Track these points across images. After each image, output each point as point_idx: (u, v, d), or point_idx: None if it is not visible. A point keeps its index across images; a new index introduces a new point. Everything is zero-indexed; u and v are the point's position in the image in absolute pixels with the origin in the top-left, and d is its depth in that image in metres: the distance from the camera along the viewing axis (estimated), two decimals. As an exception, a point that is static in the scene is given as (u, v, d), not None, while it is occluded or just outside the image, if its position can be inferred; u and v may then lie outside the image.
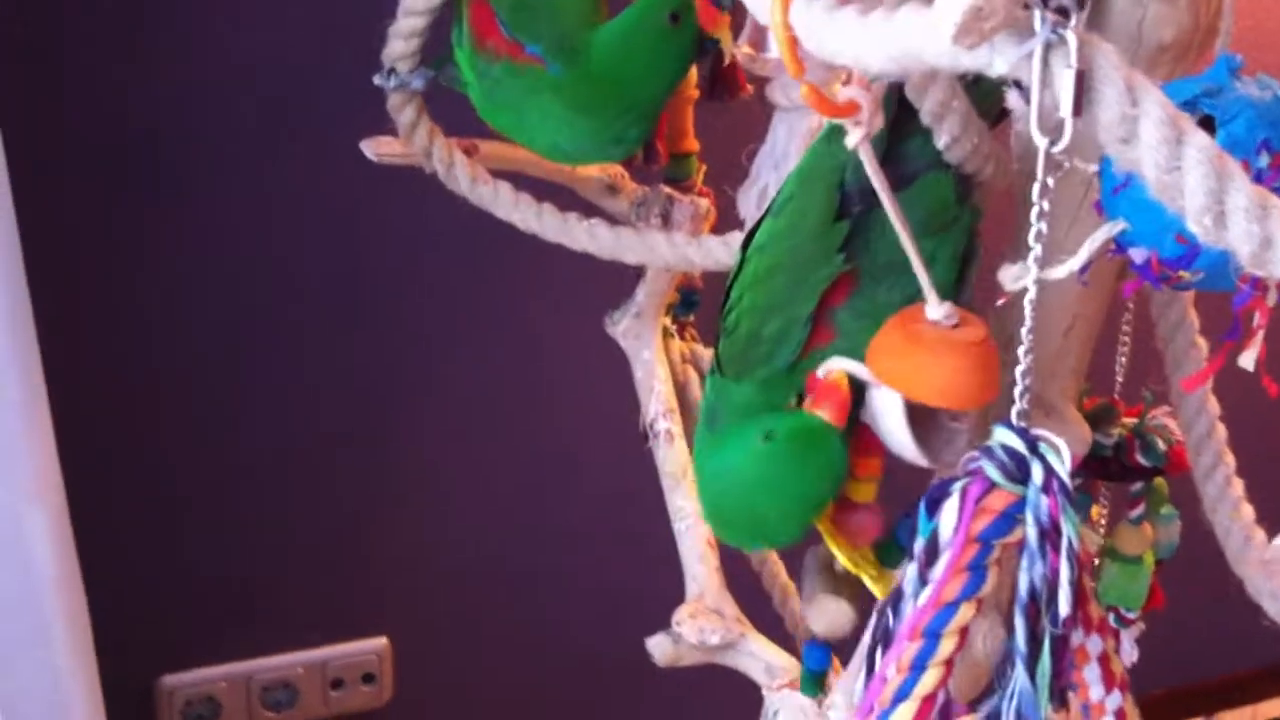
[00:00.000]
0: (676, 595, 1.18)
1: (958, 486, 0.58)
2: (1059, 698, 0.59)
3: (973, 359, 0.72)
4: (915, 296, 0.79)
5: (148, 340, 1.48)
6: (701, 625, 1.12)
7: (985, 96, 0.81)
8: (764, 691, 1.10)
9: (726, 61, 1.13)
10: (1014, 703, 0.58)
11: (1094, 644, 0.64)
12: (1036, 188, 0.56)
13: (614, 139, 1.07)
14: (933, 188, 0.81)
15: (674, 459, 1.22)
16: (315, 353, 1.54)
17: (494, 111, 1.09)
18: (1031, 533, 0.57)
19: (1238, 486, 0.95)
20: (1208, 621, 1.35)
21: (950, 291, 0.79)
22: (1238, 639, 1.08)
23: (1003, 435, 0.58)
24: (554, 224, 1.13)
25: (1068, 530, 0.56)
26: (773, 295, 0.81)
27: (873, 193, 0.79)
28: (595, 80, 1.05)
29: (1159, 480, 1.06)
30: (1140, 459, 1.03)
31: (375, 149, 1.16)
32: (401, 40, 1.11)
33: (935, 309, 0.73)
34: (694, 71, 1.22)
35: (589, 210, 1.20)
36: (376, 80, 1.13)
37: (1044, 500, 0.56)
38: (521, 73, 1.06)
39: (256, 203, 1.47)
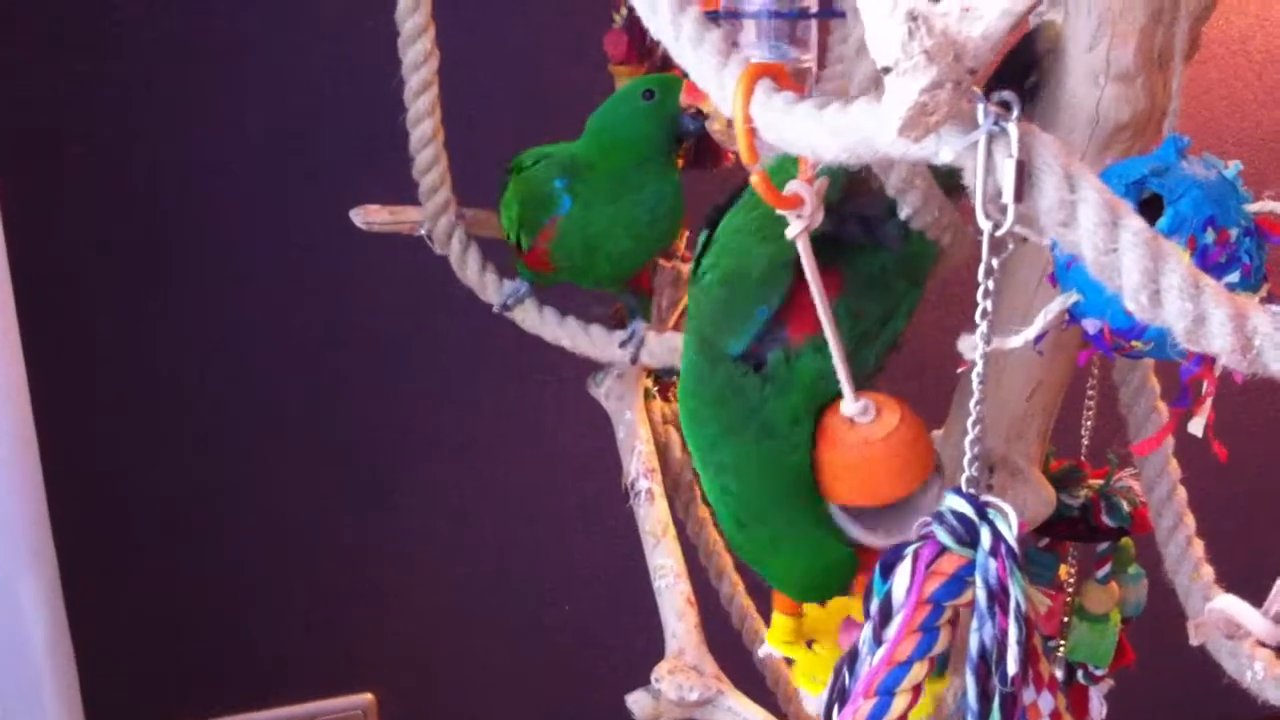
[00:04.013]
0: (658, 650, 1.20)
1: (910, 550, 0.60)
2: (1010, 753, 0.61)
3: (856, 457, 0.75)
4: (895, 309, 0.82)
5: (136, 397, 1.50)
6: (680, 682, 1.14)
7: (950, 172, 0.84)
8: (742, 747, 1.12)
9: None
10: (966, 757, 0.61)
11: (1045, 701, 0.66)
12: (981, 268, 0.59)
13: (649, 207, 1.14)
14: (923, 243, 0.84)
15: (654, 518, 1.24)
16: (305, 408, 1.56)
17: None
18: (981, 594, 0.59)
19: (1198, 547, 0.98)
20: (1181, 679, 1.37)
21: (886, 355, 0.83)
22: (1218, 698, 1.10)
23: (953, 502, 0.60)
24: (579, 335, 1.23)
25: (1015, 592, 0.59)
26: (754, 244, 0.83)
27: (854, 217, 0.82)
28: (595, 169, 1.14)
29: (1125, 540, 1.08)
30: (1106, 520, 1.05)
31: (364, 216, 1.19)
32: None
33: (850, 404, 0.75)
34: (679, 140, 1.26)
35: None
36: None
37: (992, 563, 0.59)
38: (554, 248, 1.16)
39: (254, 263, 1.50)
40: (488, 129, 1.43)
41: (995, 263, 0.59)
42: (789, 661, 0.96)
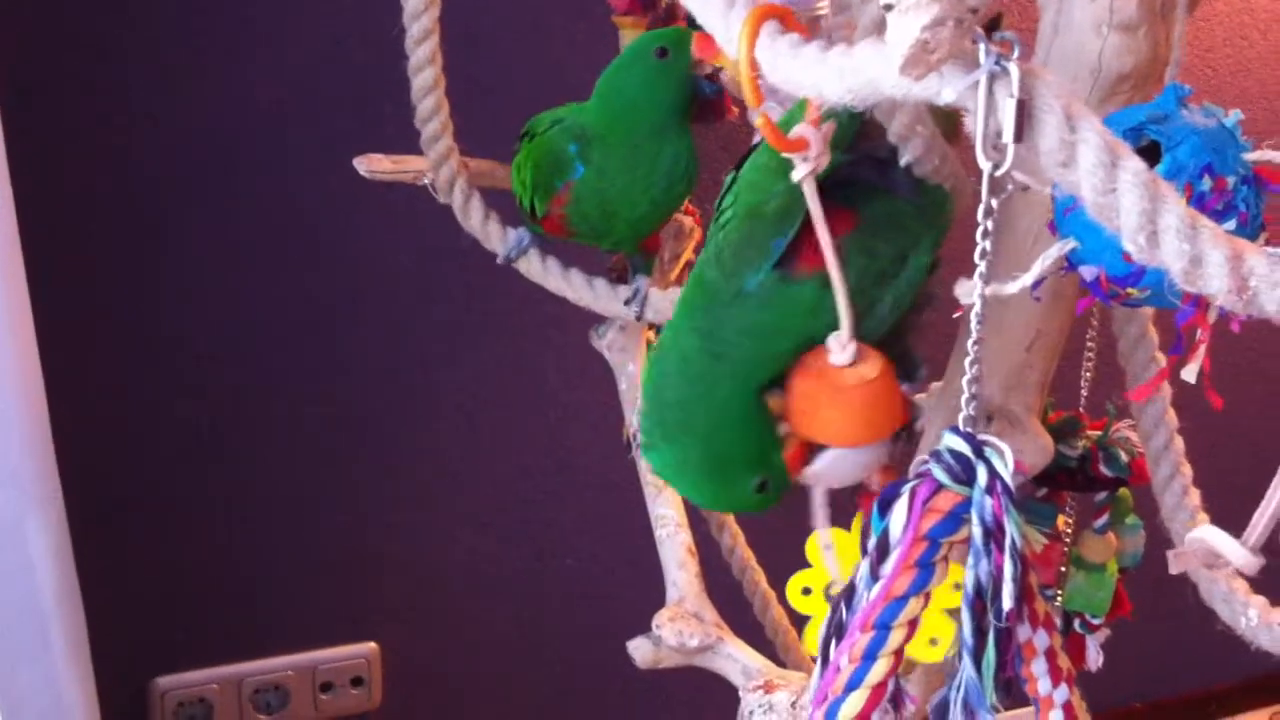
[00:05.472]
0: (660, 598, 1.21)
1: (907, 488, 0.61)
2: (1004, 688, 0.62)
3: (834, 398, 0.77)
4: (908, 251, 0.84)
5: (144, 348, 1.51)
6: (680, 629, 1.15)
7: (950, 118, 0.84)
8: (741, 693, 1.13)
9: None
10: (961, 692, 0.62)
11: (1040, 639, 0.67)
12: (981, 209, 0.60)
13: (665, 172, 1.14)
14: (938, 192, 0.85)
15: (656, 468, 1.25)
16: (310, 360, 1.57)
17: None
18: (976, 531, 0.60)
19: (1194, 496, 0.99)
20: (1185, 634, 1.38)
21: (909, 296, 0.83)
22: (1216, 652, 1.12)
23: (950, 440, 0.61)
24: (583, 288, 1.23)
25: (1011, 529, 0.60)
26: (773, 180, 0.84)
27: (867, 160, 0.83)
28: (607, 136, 1.13)
29: (1123, 491, 1.09)
30: (1104, 470, 1.06)
31: (367, 165, 1.20)
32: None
33: (841, 340, 0.77)
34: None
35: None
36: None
37: (988, 501, 0.60)
38: (570, 212, 1.16)
39: (255, 214, 1.51)
40: (489, 80, 1.43)
41: (994, 203, 0.59)
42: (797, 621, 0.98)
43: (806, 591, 0.91)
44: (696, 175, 1.17)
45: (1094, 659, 1.12)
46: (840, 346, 0.78)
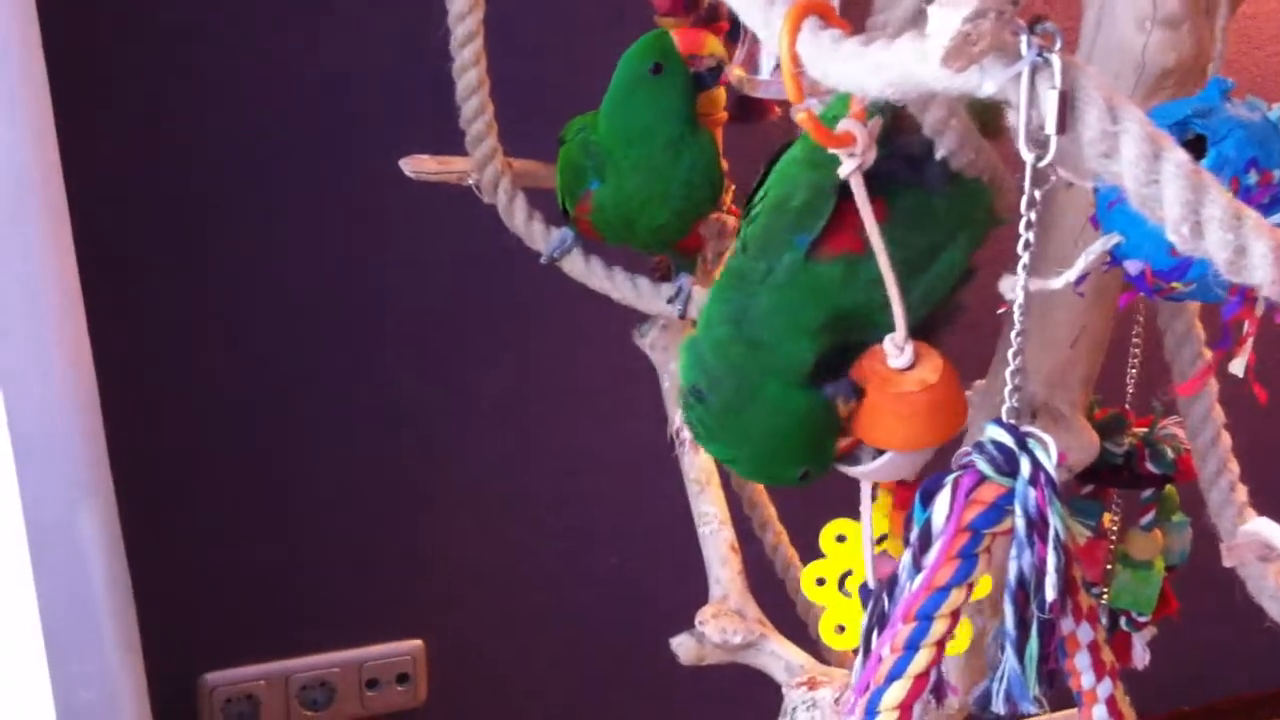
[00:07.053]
0: (702, 597, 1.21)
1: (950, 479, 0.62)
2: (1047, 680, 0.63)
3: (893, 403, 0.77)
4: (941, 245, 0.83)
5: (196, 343, 1.53)
6: (724, 625, 1.16)
7: (988, 115, 0.84)
8: (784, 689, 1.13)
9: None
10: (1004, 683, 0.62)
11: (1084, 632, 0.67)
12: (1024, 200, 0.60)
13: (683, 182, 1.13)
14: (975, 180, 0.85)
15: (699, 466, 1.25)
16: (356, 360, 1.59)
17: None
18: (1020, 523, 0.60)
19: (1241, 492, 0.98)
20: (1236, 636, 1.37)
21: (940, 292, 0.83)
22: (1268, 654, 1.11)
23: (994, 432, 0.61)
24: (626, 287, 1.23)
25: (1054, 521, 0.60)
26: (801, 172, 0.84)
27: (899, 156, 0.83)
28: (619, 159, 1.13)
29: (1170, 488, 1.09)
30: (1150, 467, 1.06)
31: (413, 167, 1.21)
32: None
33: (897, 341, 0.77)
34: (722, 94, 1.26)
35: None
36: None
37: (1031, 493, 0.60)
38: (594, 219, 1.17)
39: (301, 214, 1.53)
40: (533, 80, 1.44)
41: (1037, 194, 0.60)
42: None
43: (820, 582, 0.91)
44: (721, 177, 1.16)
45: (1140, 657, 1.12)
46: (897, 349, 0.78)
